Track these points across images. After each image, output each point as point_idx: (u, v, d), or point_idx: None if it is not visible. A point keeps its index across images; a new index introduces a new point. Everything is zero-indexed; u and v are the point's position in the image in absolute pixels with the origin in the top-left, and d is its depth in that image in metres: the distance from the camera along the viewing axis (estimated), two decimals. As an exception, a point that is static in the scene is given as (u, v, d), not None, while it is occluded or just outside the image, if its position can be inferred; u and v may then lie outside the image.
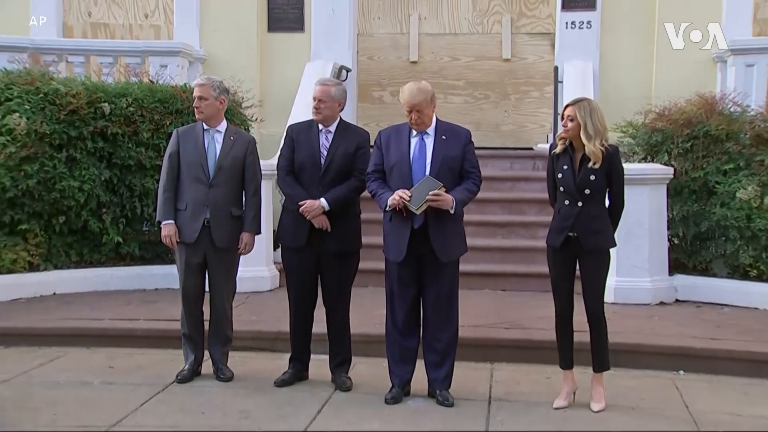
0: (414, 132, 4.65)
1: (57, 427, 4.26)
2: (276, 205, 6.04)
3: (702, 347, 5.48)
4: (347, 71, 9.13)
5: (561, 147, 4.55)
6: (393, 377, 4.74)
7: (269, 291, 7.11)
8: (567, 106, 4.55)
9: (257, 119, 8.27)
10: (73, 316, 6.23)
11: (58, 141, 6.99)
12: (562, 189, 4.55)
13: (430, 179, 4.46)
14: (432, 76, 9.04)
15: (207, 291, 5.13)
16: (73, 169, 7.06)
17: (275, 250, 6.99)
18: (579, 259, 4.57)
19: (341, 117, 4.99)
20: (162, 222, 5.03)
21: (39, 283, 6.88)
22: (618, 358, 5.26)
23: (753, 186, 6.68)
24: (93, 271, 7.23)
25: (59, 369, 5.29)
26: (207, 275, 5.09)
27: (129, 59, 8.57)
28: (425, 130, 4.63)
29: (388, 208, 4.54)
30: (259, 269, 7.04)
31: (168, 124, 7.24)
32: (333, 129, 4.91)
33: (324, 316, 4.99)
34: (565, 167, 4.52)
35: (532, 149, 8.77)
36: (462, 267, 4.78)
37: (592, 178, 4.46)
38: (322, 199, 4.79)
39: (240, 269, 5.25)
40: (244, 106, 7.96)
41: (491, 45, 9.43)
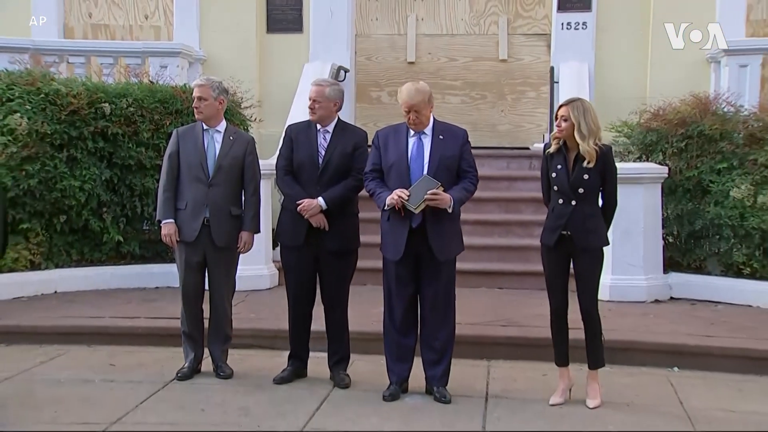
0: (412, 132, 4.64)
1: (58, 425, 4.26)
2: (275, 205, 6.03)
3: (696, 344, 5.49)
4: (345, 72, 9.12)
5: (555, 146, 4.55)
6: (391, 375, 4.74)
7: (268, 289, 7.10)
8: (561, 106, 4.55)
9: (256, 119, 8.27)
10: (74, 314, 6.22)
11: (59, 141, 6.98)
12: (556, 188, 4.55)
13: (428, 179, 4.46)
14: (429, 76, 9.05)
15: (207, 289, 5.13)
16: (74, 169, 7.05)
17: (274, 248, 6.98)
18: (573, 258, 4.57)
19: (339, 117, 4.99)
20: (162, 221, 5.02)
21: (40, 282, 6.87)
22: (613, 355, 5.27)
23: (746, 185, 6.69)
24: (94, 270, 7.22)
25: (60, 367, 5.28)
26: (207, 274, 5.08)
27: (129, 60, 8.56)
28: (423, 130, 4.63)
29: (386, 207, 4.54)
30: (259, 268, 7.04)
31: (168, 124, 7.23)
32: (331, 129, 4.91)
33: (323, 314, 4.99)
34: (559, 166, 4.52)
35: (528, 149, 8.78)
36: (459, 265, 4.79)
37: (585, 177, 4.46)
38: (319, 199, 4.78)
39: (239, 268, 5.24)
40: (243, 106, 7.95)
41: (488, 46, 9.44)
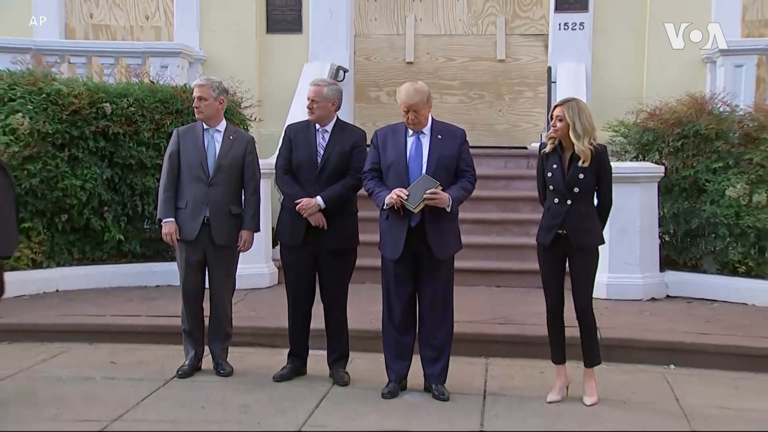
0: (410, 132, 4.64)
1: (60, 422, 4.26)
2: (275, 204, 6.03)
3: (692, 342, 5.50)
4: (344, 72, 9.12)
5: (550, 146, 4.56)
6: (390, 372, 4.74)
7: (268, 288, 7.10)
8: (556, 106, 4.56)
9: (256, 119, 8.26)
10: (76, 312, 6.22)
11: (60, 140, 6.98)
12: (551, 187, 4.55)
13: (426, 178, 4.46)
14: (428, 76, 9.04)
15: (207, 288, 5.13)
16: (76, 168, 7.05)
17: (274, 247, 6.98)
18: (568, 257, 4.57)
19: (338, 117, 4.99)
20: (163, 220, 5.02)
21: (42, 280, 6.87)
22: (610, 353, 5.29)
23: (742, 184, 6.70)
24: (95, 269, 7.22)
25: (62, 364, 5.28)
26: (207, 272, 5.08)
27: (130, 60, 8.55)
28: (421, 129, 4.63)
29: (385, 206, 4.54)
30: (259, 266, 7.03)
31: (168, 123, 7.23)
32: (330, 128, 4.91)
33: (322, 312, 4.99)
34: (555, 166, 4.52)
35: (526, 148, 8.77)
36: (457, 264, 4.79)
37: (581, 176, 4.47)
38: (318, 198, 4.78)
39: (239, 266, 5.25)
40: (243, 106, 7.95)
41: (486, 46, 9.43)
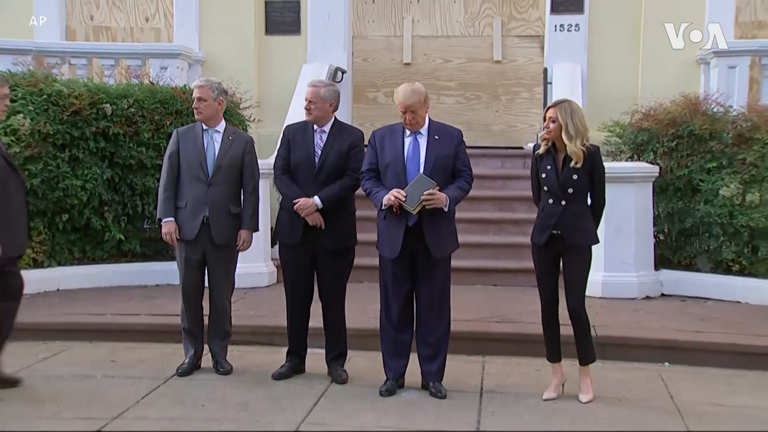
0: (408, 132, 4.64)
1: (60, 419, 4.25)
2: (273, 203, 6.02)
3: (687, 340, 5.50)
4: (342, 73, 9.11)
5: (544, 148, 4.55)
6: (387, 370, 4.74)
7: (267, 287, 7.09)
8: (548, 108, 4.56)
9: (255, 119, 8.25)
10: (76, 311, 6.22)
11: (61, 141, 6.97)
12: (546, 188, 4.55)
13: (423, 178, 4.45)
14: (425, 77, 9.02)
15: (206, 287, 5.12)
16: (76, 169, 7.04)
17: (273, 246, 6.98)
18: (562, 256, 4.57)
19: (336, 117, 4.98)
20: (162, 220, 5.02)
21: (43, 280, 6.85)
22: (606, 351, 5.29)
23: (735, 184, 6.70)
24: (95, 268, 7.21)
25: (63, 363, 5.28)
26: (206, 271, 5.08)
27: (130, 61, 8.53)
28: (419, 130, 4.63)
29: (383, 207, 4.53)
30: (258, 265, 7.03)
31: (168, 124, 7.22)
32: (327, 129, 4.90)
33: (320, 311, 4.99)
34: (549, 167, 4.52)
35: (522, 148, 8.77)
36: (454, 263, 4.79)
37: (574, 177, 4.46)
38: (315, 198, 4.78)
39: (238, 265, 5.24)
40: (242, 106, 7.94)
41: (482, 47, 9.42)
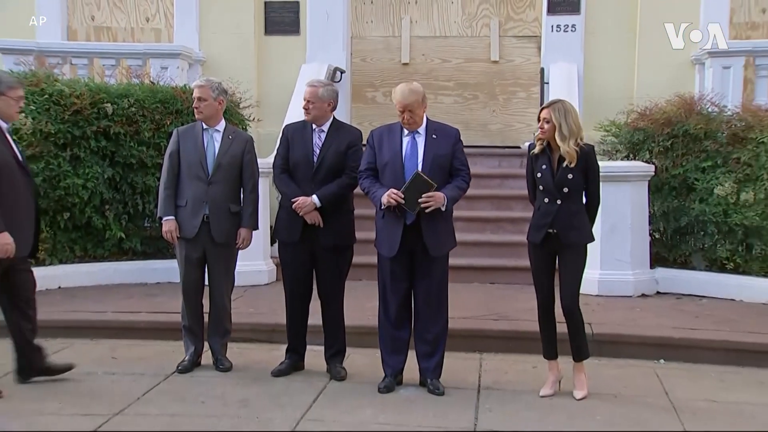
0: (406, 131, 4.64)
1: (62, 416, 4.25)
2: (273, 202, 6.02)
3: (681, 337, 5.51)
4: (341, 72, 9.11)
5: (539, 147, 4.56)
6: (386, 367, 4.74)
7: (267, 285, 7.09)
8: (542, 108, 4.55)
9: (255, 119, 8.24)
10: (78, 309, 6.22)
11: (62, 140, 6.96)
12: (541, 188, 4.55)
13: (420, 178, 4.43)
14: (423, 77, 9.02)
15: (206, 284, 5.12)
16: (77, 168, 7.03)
17: (272, 245, 6.97)
18: (558, 254, 4.57)
19: (335, 117, 4.98)
20: (163, 218, 5.02)
21: (44, 277, 6.79)
22: (601, 348, 5.31)
23: (730, 183, 6.71)
24: (96, 266, 7.21)
25: (64, 360, 5.23)
26: (206, 269, 5.08)
27: (131, 61, 8.53)
28: (416, 129, 4.63)
29: (382, 207, 4.53)
30: (257, 263, 7.03)
31: (168, 123, 7.22)
32: (326, 128, 4.90)
33: (319, 308, 4.99)
34: (544, 167, 4.52)
35: (519, 148, 8.76)
36: (452, 261, 4.79)
37: (569, 176, 4.47)
38: (313, 196, 4.78)
39: (238, 263, 5.24)
40: (242, 106, 7.94)
41: (480, 47, 9.42)
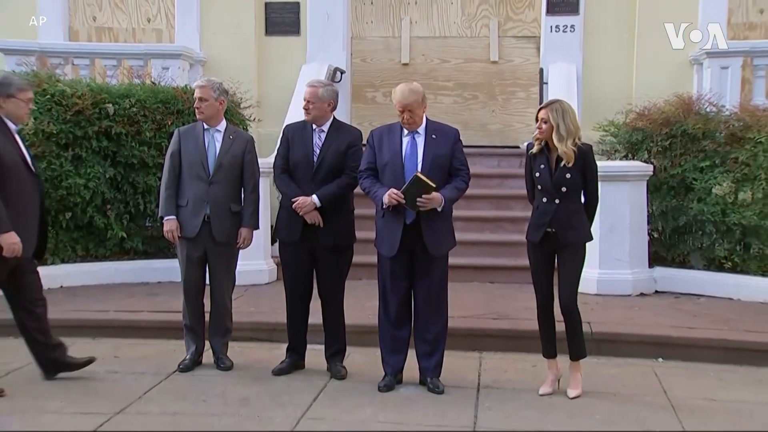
0: (405, 131, 4.64)
1: (64, 414, 4.26)
2: (274, 202, 6.02)
3: (680, 336, 5.51)
4: (341, 73, 9.11)
5: (537, 147, 4.55)
6: (386, 366, 4.74)
7: (267, 284, 7.09)
8: (540, 109, 4.55)
9: (255, 119, 8.24)
10: (80, 308, 6.22)
11: (64, 140, 6.97)
12: (539, 187, 4.55)
13: (419, 180, 4.41)
14: (423, 77, 9.02)
15: (207, 284, 5.12)
16: (79, 168, 7.04)
17: (273, 244, 6.96)
18: (557, 253, 4.57)
19: (335, 117, 4.98)
20: (164, 218, 5.02)
21: (46, 277, 6.69)
22: (601, 346, 5.31)
23: (728, 182, 6.71)
24: (98, 265, 7.22)
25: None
26: (207, 269, 5.08)
27: (132, 62, 8.54)
28: (416, 129, 4.62)
29: (384, 207, 4.52)
30: (258, 263, 7.03)
31: (169, 123, 7.22)
32: (326, 128, 4.90)
33: (320, 307, 4.99)
34: (542, 166, 4.52)
35: (518, 147, 8.76)
36: (452, 260, 4.79)
37: (567, 176, 4.46)
38: (313, 196, 4.78)
39: (239, 263, 5.24)
40: (242, 106, 7.93)
41: (479, 48, 9.42)
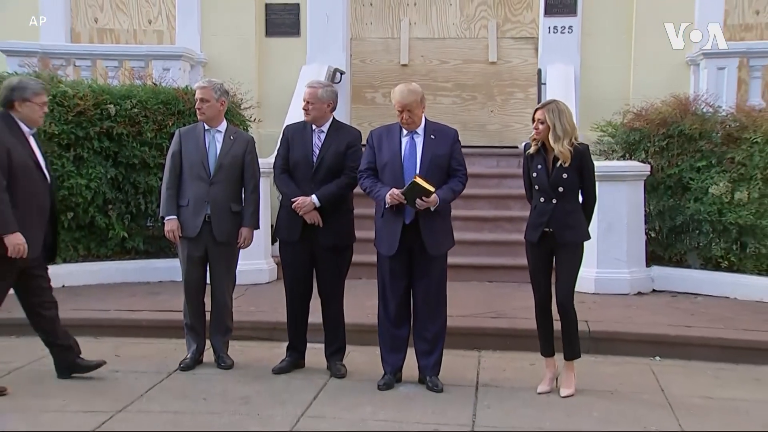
0: (405, 131, 4.64)
1: (66, 412, 4.26)
2: (274, 202, 6.03)
3: (677, 334, 5.51)
4: (341, 73, 9.11)
5: (534, 147, 4.56)
6: (385, 365, 4.75)
7: (267, 283, 7.09)
8: (537, 109, 4.55)
9: (256, 120, 8.24)
10: (81, 307, 6.21)
11: (66, 141, 6.96)
12: (537, 187, 4.55)
13: (417, 185, 4.40)
14: (422, 78, 9.01)
15: (208, 283, 5.12)
16: (81, 168, 7.04)
17: (273, 244, 6.97)
18: (554, 253, 4.57)
19: (334, 117, 4.98)
20: (165, 217, 5.02)
21: (48, 276, 6.84)
22: (598, 345, 5.32)
23: (724, 182, 6.71)
24: (100, 265, 7.22)
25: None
26: (208, 268, 5.08)
27: (133, 63, 8.53)
28: (415, 129, 4.63)
29: (386, 206, 4.52)
30: (258, 263, 7.03)
31: (170, 124, 7.21)
32: (326, 129, 4.90)
33: (319, 306, 4.99)
34: (539, 167, 4.52)
35: (517, 147, 8.76)
36: (451, 260, 4.79)
37: (564, 176, 4.47)
38: (313, 196, 4.78)
39: (240, 262, 5.24)
40: (243, 107, 7.93)
41: (478, 49, 9.41)
